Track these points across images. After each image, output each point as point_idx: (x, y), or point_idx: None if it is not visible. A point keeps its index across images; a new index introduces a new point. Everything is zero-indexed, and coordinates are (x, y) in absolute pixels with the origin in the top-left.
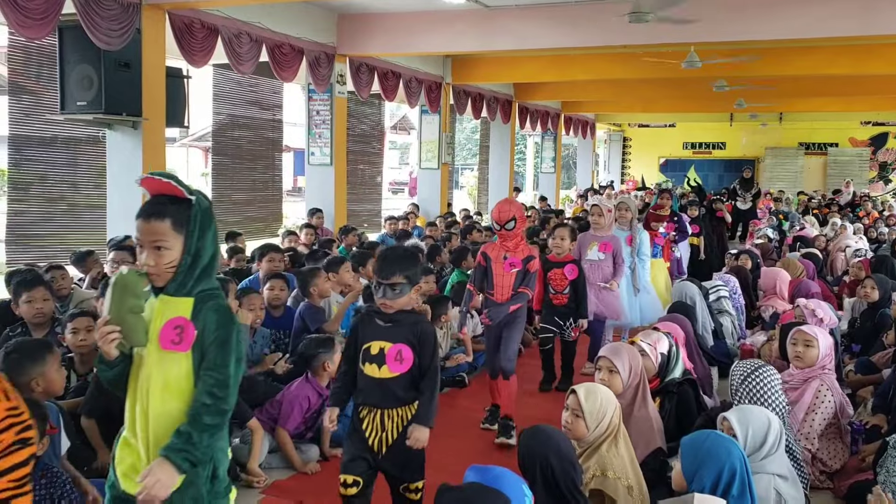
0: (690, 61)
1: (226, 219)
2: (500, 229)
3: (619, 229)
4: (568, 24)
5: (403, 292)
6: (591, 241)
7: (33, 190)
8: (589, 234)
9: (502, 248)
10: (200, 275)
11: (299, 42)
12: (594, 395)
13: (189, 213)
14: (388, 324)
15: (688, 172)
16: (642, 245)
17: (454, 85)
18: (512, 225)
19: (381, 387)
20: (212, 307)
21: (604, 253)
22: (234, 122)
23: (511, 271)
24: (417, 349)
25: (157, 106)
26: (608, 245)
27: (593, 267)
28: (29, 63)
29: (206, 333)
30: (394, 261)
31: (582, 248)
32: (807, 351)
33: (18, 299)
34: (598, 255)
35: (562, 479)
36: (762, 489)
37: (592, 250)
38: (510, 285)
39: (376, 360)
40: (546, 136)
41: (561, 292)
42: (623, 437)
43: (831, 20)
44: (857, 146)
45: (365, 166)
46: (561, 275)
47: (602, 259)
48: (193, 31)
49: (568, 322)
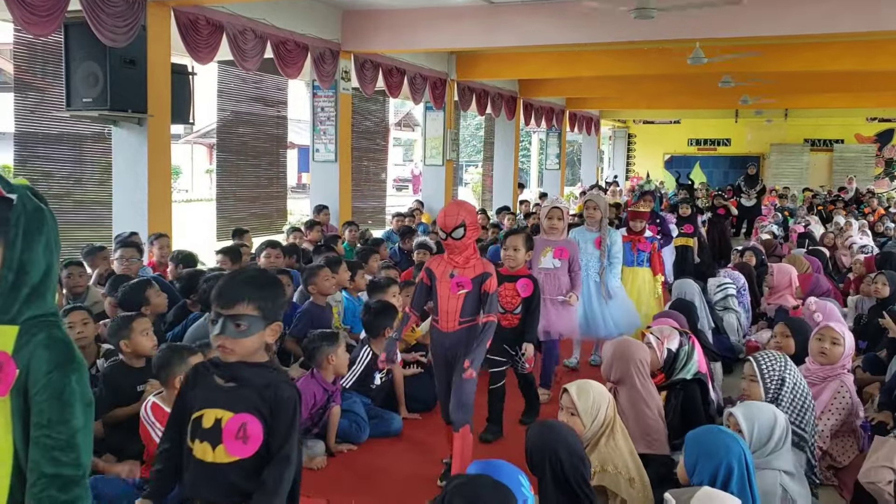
0: (695, 57)
1: (230, 215)
2: (445, 238)
3: (588, 230)
4: (572, 20)
5: (252, 330)
6: (544, 247)
7: (39, 187)
8: (541, 238)
9: (449, 262)
10: (29, 296)
11: (304, 38)
12: (586, 392)
13: (8, 216)
14: (229, 383)
15: (692, 169)
16: (612, 247)
17: (459, 81)
18: (461, 233)
19: (216, 475)
20: (42, 341)
21: (559, 260)
22: (238, 119)
23: (458, 293)
24: (269, 422)
25: (162, 102)
26: (564, 251)
27: (548, 277)
28: (35, 60)
29: (32, 375)
30: (241, 284)
31: (534, 255)
32: (833, 349)
33: None
34: (552, 262)
35: (571, 473)
36: (768, 485)
37: (546, 257)
38: (457, 310)
39: (209, 436)
40: (551, 133)
41: (511, 312)
42: (620, 429)
43: (837, 16)
44: (863, 142)
45: (369, 163)
46: (513, 291)
47: (557, 267)
48: (198, 27)
49: (520, 349)
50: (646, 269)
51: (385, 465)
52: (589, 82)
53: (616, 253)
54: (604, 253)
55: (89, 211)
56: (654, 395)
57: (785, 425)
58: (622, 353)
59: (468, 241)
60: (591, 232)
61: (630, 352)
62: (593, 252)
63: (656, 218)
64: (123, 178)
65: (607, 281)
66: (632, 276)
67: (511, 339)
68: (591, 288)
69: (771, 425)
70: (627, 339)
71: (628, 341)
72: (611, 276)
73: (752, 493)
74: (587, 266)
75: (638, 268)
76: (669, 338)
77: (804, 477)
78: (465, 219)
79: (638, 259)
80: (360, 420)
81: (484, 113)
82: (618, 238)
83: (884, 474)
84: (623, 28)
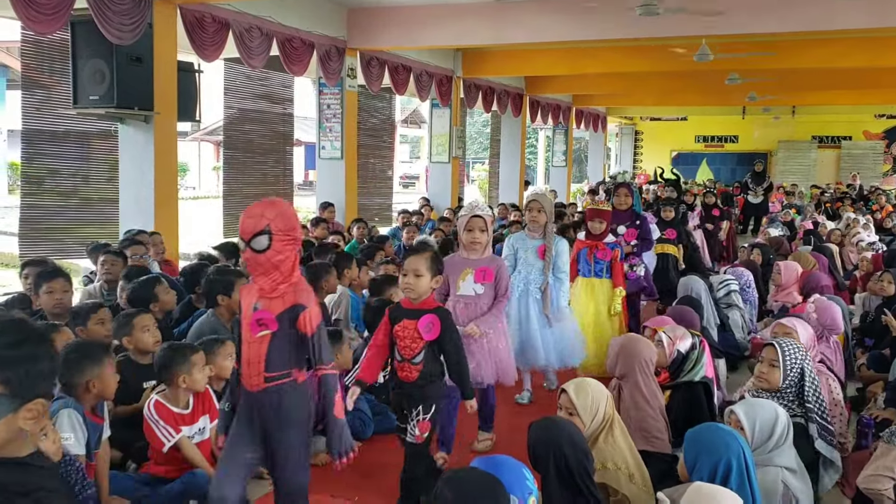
0: (702, 54)
1: (237, 212)
2: (244, 249)
3: (529, 236)
4: (579, 16)
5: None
6: (463, 269)
7: (46, 184)
8: (457, 258)
9: (256, 290)
10: None
11: (310, 36)
12: (584, 390)
13: None
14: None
15: (699, 166)
16: (558, 258)
17: (465, 78)
18: (263, 243)
19: None
20: None
21: (482, 284)
22: (245, 117)
23: (258, 335)
24: None
25: (168, 100)
26: (488, 272)
27: (469, 306)
28: (42, 58)
29: None
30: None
31: (450, 278)
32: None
33: (39, 290)
34: (473, 287)
35: (576, 467)
36: (770, 482)
37: (466, 281)
38: (260, 360)
39: None
40: (557, 130)
41: (410, 360)
42: (618, 425)
43: (845, 12)
44: (871, 139)
45: (375, 160)
46: (413, 332)
47: (480, 294)
48: (204, 25)
49: (415, 412)
50: (605, 281)
51: (389, 461)
52: (595, 79)
53: (563, 265)
54: (548, 265)
55: (96, 208)
56: (658, 394)
57: (786, 422)
58: (629, 350)
59: (278, 256)
60: (534, 239)
61: (637, 349)
62: (535, 263)
63: (636, 219)
64: (130, 176)
65: (553, 300)
66: (588, 289)
67: (409, 394)
68: (529, 308)
69: (772, 422)
70: (635, 336)
71: (636, 338)
72: (557, 293)
73: (752, 489)
74: (527, 280)
75: (596, 279)
76: (681, 339)
77: (806, 473)
78: (270, 223)
79: (596, 268)
80: (365, 416)
81: (490, 110)
82: (565, 248)
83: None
84: (629, 25)
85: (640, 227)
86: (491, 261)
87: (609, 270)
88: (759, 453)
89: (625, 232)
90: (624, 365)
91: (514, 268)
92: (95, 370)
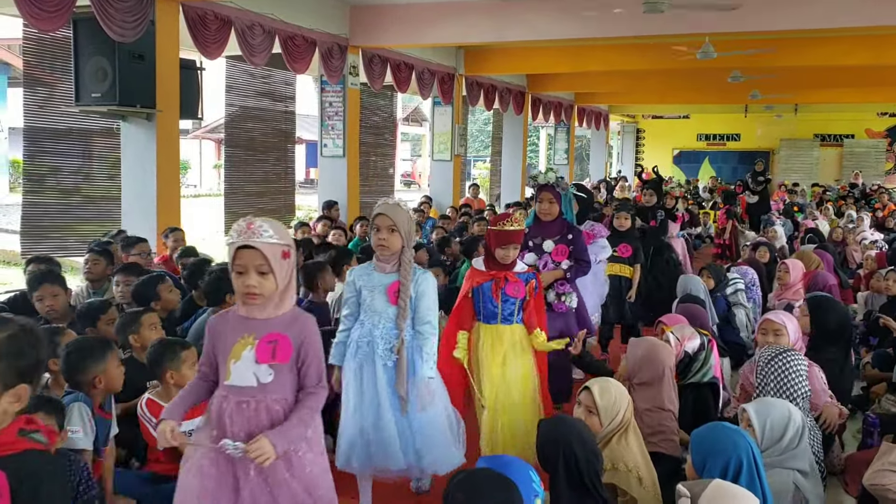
0: (705, 52)
1: (238, 210)
2: None
3: (378, 269)
4: (581, 14)
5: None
6: (240, 334)
7: (48, 182)
8: (231, 313)
9: None
10: None
11: (312, 33)
12: (608, 391)
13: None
14: None
15: (701, 164)
16: (421, 301)
17: (467, 76)
18: None
19: None
20: None
21: (270, 365)
22: (246, 114)
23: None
24: None
25: (170, 98)
26: (281, 344)
27: (243, 409)
28: (44, 55)
29: None
30: None
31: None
32: (778, 339)
33: (33, 294)
34: (255, 370)
35: (585, 467)
36: (781, 482)
37: (242, 359)
38: None
39: None
40: (559, 128)
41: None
42: (634, 430)
43: (848, 10)
44: (874, 137)
45: (377, 158)
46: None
47: (266, 383)
48: (207, 22)
49: None
50: (517, 327)
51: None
52: (598, 77)
53: (428, 313)
54: (403, 313)
55: (98, 206)
56: (675, 400)
57: (800, 423)
58: (653, 356)
59: None
60: (383, 272)
61: (662, 356)
62: (385, 310)
63: (567, 233)
64: (132, 173)
65: (412, 368)
66: (495, 338)
67: None
68: (377, 381)
69: (784, 423)
70: (656, 341)
71: (659, 344)
72: (422, 360)
73: (763, 487)
74: (371, 337)
75: (504, 325)
76: (690, 339)
77: (819, 475)
78: None
79: (504, 311)
80: None
81: (492, 108)
82: (431, 285)
83: (890, 477)
84: (632, 22)
85: (573, 242)
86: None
87: (521, 312)
88: (770, 454)
89: (552, 249)
90: (650, 372)
91: (354, 317)
92: (101, 366)
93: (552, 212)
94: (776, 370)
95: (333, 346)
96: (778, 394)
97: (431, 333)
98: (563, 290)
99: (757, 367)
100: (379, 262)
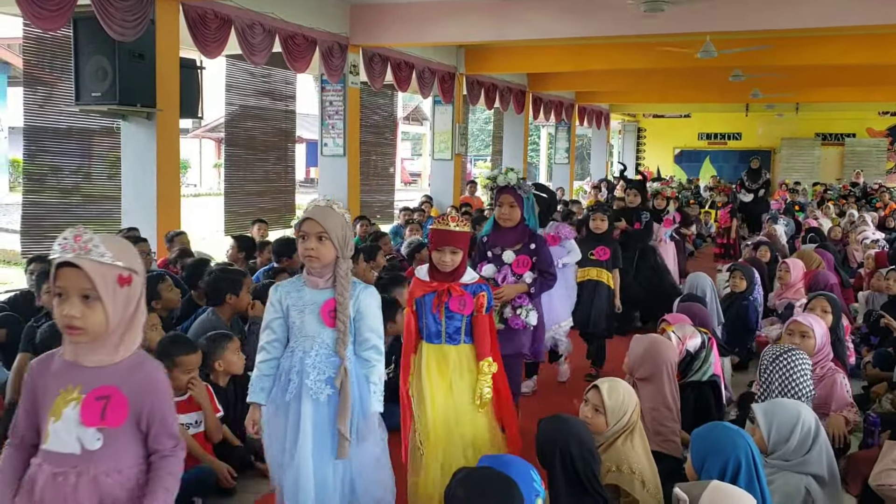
0: (706, 51)
1: (239, 210)
2: None
3: (309, 285)
4: (582, 13)
5: None
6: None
7: (48, 181)
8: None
9: None
10: None
11: (312, 32)
12: (617, 391)
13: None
14: None
15: (702, 163)
16: (362, 321)
17: (467, 75)
18: None
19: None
20: None
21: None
22: (246, 113)
23: None
24: None
25: (171, 97)
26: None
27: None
28: (44, 55)
29: None
30: None
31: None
32: (804, 342)
33: (40, 291)
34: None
35: (581, 467)
36: (790, 486)
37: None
38: None
39: None
40: (560, 127)
41: None
42: (640, 432)
43: (849, 8)
44: (875, 137)
45: (378, 157)
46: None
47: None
48: (207, 21)
49: None
50: (465, 347)
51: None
52: (599, 76)
53: (370, 331)
54: (343, 337)
55: (98, 205)
56: (677, 397)
57: (812, 425)
58: (655, 352)
59: None
60: (315, 288)
61: (664, 352)
62: (319, 333)
63: (530, 242)
64: (132, 173)
65: (358, 405)
66: (440, 359)
67: None
68: (305, 421)
69: (791, 424)
70: (659, 338)
71: (660, 340)
72: (370, 392)
73: (762, 487)
74: (301, 367)
75: (450, 345)
76: (691, 338)
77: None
78: None
79: (449, 328)
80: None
81: (492, 107)
82: (373, 302)
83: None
84: (633, 21)
85: (536, 252)
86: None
87: (470, 330)
88: (780, 456)
89: (513, 260)
90: (650, 367)
91: (281, 342)
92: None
93: (513, 217)
94: (780, 369)
95: (253, 381)
96: (782, 393)
97: (377, 360)
98: (519, 302)
99: (761, 366)
100: (310, 276)
